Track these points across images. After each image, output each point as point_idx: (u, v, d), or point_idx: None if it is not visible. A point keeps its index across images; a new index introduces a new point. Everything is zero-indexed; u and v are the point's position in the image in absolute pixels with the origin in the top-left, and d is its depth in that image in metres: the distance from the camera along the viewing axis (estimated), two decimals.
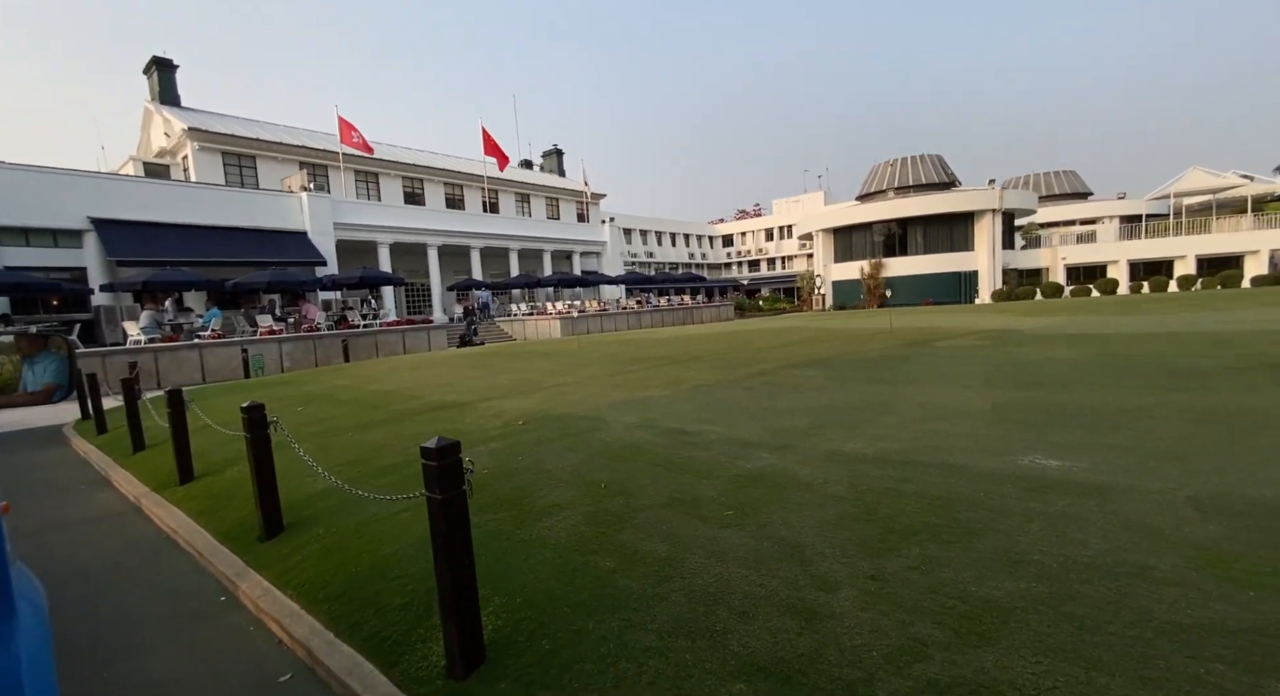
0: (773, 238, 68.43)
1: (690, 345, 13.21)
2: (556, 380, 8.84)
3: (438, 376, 10.30)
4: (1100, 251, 34.50)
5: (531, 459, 4.53)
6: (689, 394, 6.89)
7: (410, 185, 35.88)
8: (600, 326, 29.65)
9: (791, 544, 2.79)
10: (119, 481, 6.00)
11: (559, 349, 14.69)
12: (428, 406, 7.30)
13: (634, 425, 5.40)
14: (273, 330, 18.69)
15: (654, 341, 15.57)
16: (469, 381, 9.33)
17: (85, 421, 9.61)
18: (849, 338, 12.65)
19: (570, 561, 2.82)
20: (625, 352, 12.41)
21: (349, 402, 8.02)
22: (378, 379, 10.45)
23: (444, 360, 13.57)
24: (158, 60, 30.20)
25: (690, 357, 10.58)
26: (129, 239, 21.12)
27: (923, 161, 39.79)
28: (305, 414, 7.40)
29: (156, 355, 15.96)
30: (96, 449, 7.60)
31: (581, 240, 41.52)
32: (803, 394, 6.42)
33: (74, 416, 10.42)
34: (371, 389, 9.16)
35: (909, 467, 3.80)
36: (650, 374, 8.80)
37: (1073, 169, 49.20)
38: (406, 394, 8.44)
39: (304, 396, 9.00)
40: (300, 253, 25.18)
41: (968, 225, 35.42)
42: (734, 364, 9.35)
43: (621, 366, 9.96)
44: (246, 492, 4.65)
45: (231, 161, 28.52)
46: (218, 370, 16.94)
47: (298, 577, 3.19)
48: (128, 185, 22.13)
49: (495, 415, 6.41)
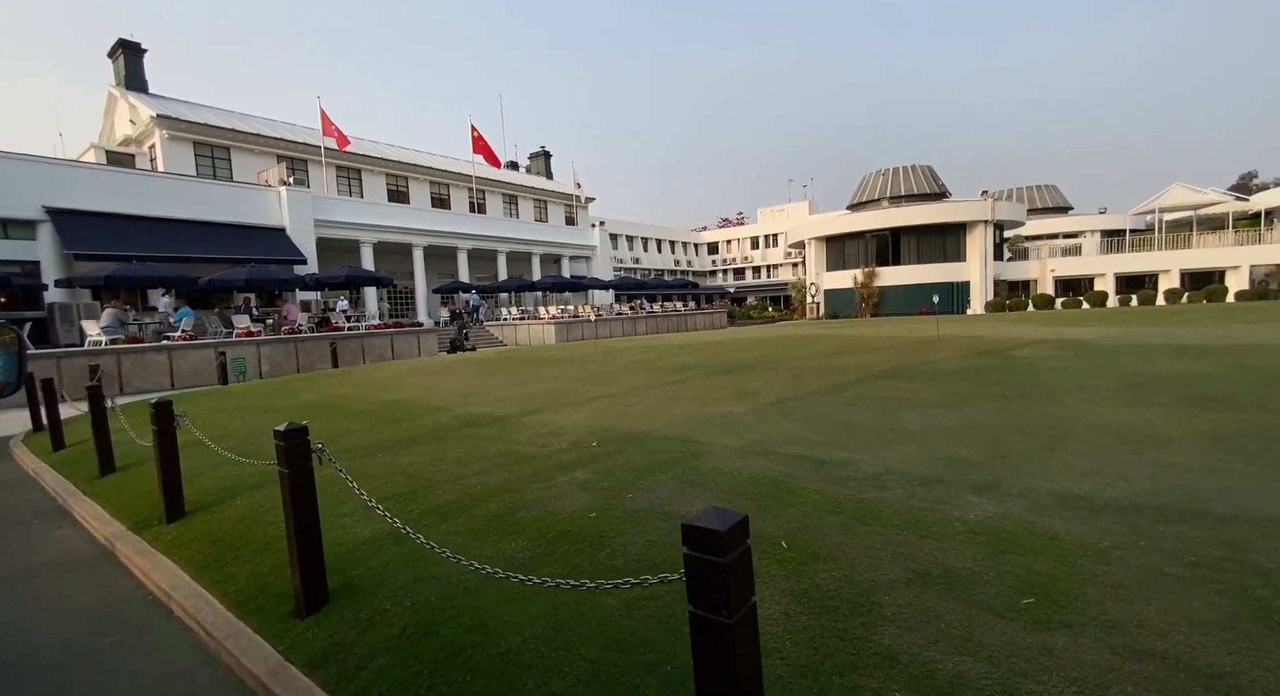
0: (758, 246, 68.48)
1: (723, 352, 12.25)
2: (597, 390, 7.84)
3: (453, 384, 9.20)
4: (1087, 264, 34.92)
5: (646, 498, 3.55)
6: (776, 409, 5.97)
7: (394, 183, 34.45)
8: (596, 332, 28.63)
9: (1206, 671, 1.83)
10: (84, 515, 4.81)
11: (574, 355, 13.63)
12: (461, 421, 6.25)
13: (743, 450, 4.46)
14: (250, 332, 17.22)
15: (674, 347, 14.64)
16: (493, 391, 8.26)
17: (38, 434, 8.24)
18: (901, 346, 11.72)
19: None
20: (655, 360, 11.43)
21: (364, 416, 6.89)
22: (384, 386, 9.29)
23: (448, 366, 12.41)
24: (124, 43, 28.32)
25: (738, 366, 9.64)
26: (89, 231, 19.39)
27: (914, 172, 39.93)
28: (316, 430, 6.26)
29: (119, 357, 14.40)
30: (52, 469, 6.32)
31: (571, 243, 40.52)
32: (926, 412, 5.55)
33: (23, 427, 9.01)
34: (383, 398, 8.02)
35: (1200, 522, 2.91)
36: (707, 384, 7.86)
37: (1053, 183, 50.25)
38: (427, 405, 7.35)
39: (304, 407, 7.82)
40: (278, 250, 23.62)
41: (960, 236, 35.51)
42: (799, 373, 8.43)
43: (664, 375, 8.99)
44: (261, 537, 3.58)
45: (204, 152, 26.81)
46: (189, 375, 15.43)
47: (371, 689, 2.17)
48: (89, 173, 20.40)
49: (553, 433, 5.40)
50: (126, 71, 28.33)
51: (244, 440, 6.08)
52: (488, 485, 3.96)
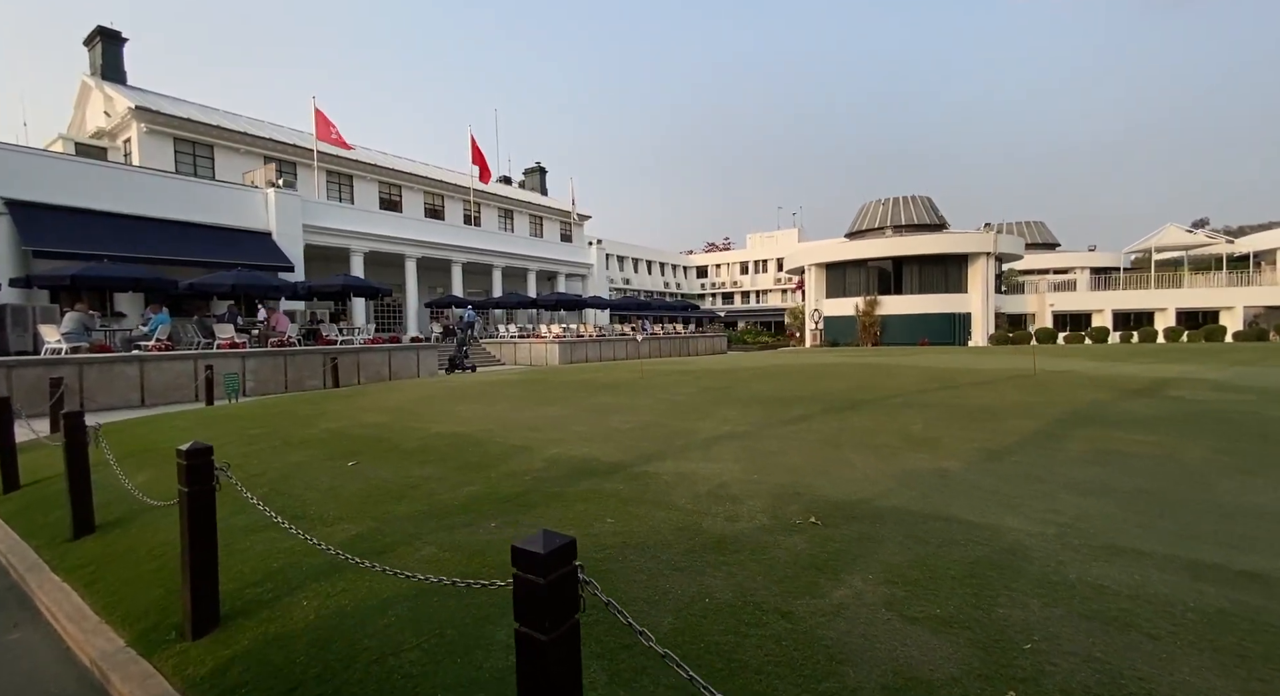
0: (748, 271, 68.36)
1: (796, 381, 10.69)
2: (704, 427, 6.42)
3: (505, 412, 7.70)
4: (1086, 300, 35.18)
5: (1063, 660, 2.11)
6: (1005, 467, 4.62)
7: (387, 191, 32.91)
8: (599, 353, 27.28)
9: None
10: (52, 610, 3.27)
11: (615, 378, 12.10)
12: (565, 467, 4.81)
13: (1080, 546, 3.07)
14: (234, 343, 15.39)
15: (723, 372, 13.24)
16: (565, 424, 6.80)
17: None
18: (1015, 381, 10.25)
19: None
20: (727, 387, 9.87)
21: (424, 456, 5.36)
22: (419, 413, 7.75)
23: (477, 388, 10.86)
24: (103, 30, 26.49)
25: (849, 400, 8.15)
26: (51, 226, 17.41)
27: (914, 202, 40.09)
28: (381, 478, 4.73)
29: (82, 368, 12.48)
30: (1, 523, 4.71)
31: (568, 261, 39.33)
32: (1241, 480, 4.27)
33: None
34: (433, 431, 6.47)
35: None
36: (848, 424, 6.45)
37: (1040, 220, 51.33)
38: (498, 441, 5.87)
39: (334, 439, 6.22)
40: (263, 255, 21.78)
41: (961, 267, 35.49)
42: (951, 414, 7.02)
43: (769, 409, 7.48)
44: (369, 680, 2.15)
45: (184, 149, 24.97)
46: (162, 390, 13.54)
47: None
48: (54, 163, 18.46)
49: (716, 494, 4.00)
50: (104, 61, 26.43)
51: (278, 490, 4.59)
52: (730, 604, 2.57)
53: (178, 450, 2.75)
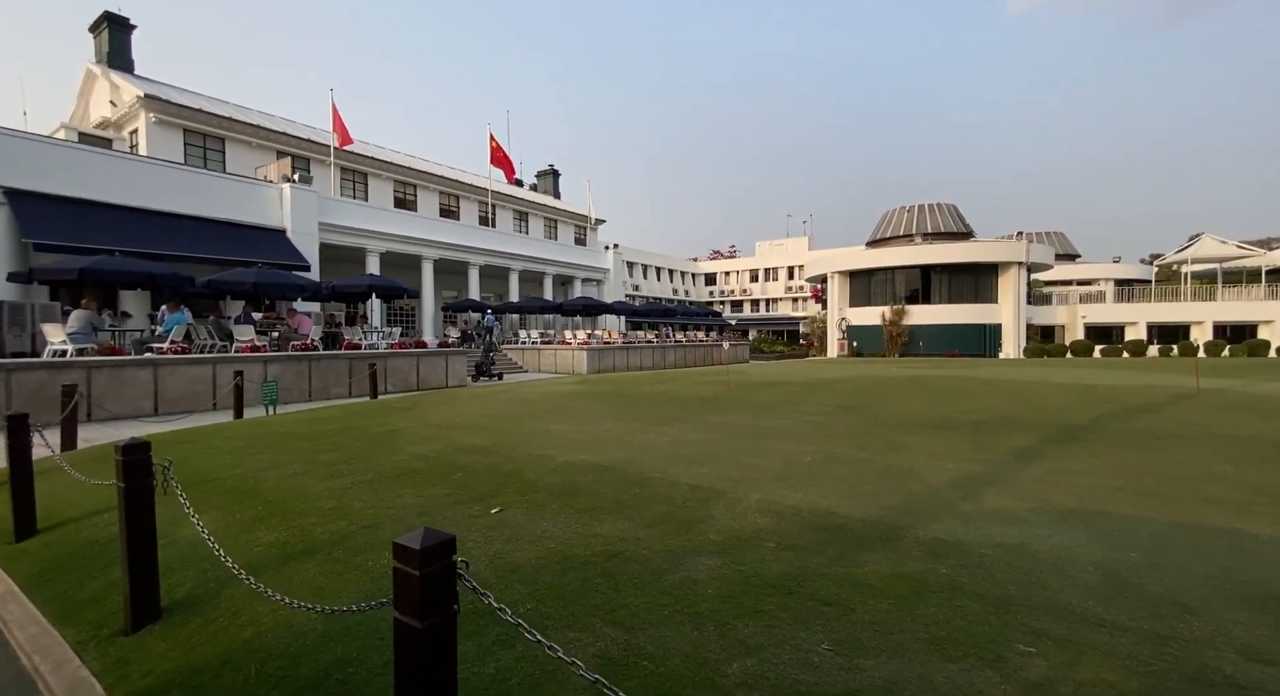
0: (758, 279, 67.47)
1: (933, 399, 9.37)
2: (923, 465, 5.17)
3: (622, 434, 6.30)
4: (1119, 312, 34.26)
5: None
6: None
7: (402, 190, 31.68)
8: (626, 361, 26.03)
9: None
10: None
11: (702, 392, 10.61)
12: (800, 526, 3.51)
13: None
14: (255, 346, 14.04)
15: (812, 385, 12.00)
16: (718, 452, 5.51)
17: None
18: (1192, 401, 9.06)
19: None
20: (860, 407, 8.51)
21: (575, 497, 4.17)
22: (511, 432, 6.37)
23: (550, 402, 9.46)
24: (110, 16, 25.23)
25: (1056, 429, 6.81)
26: (54, 218, 16.06)
27: (939, 209, 39.21)
28: (542, 539, 3.24)
29: (90, 372, 11.11)
30: (17, 590, 3.41)
31: (585, 265, 38.17)
32: None
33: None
34: (559, 459, 5.08)
35: None
36: (1123, 464, 5.22)
37: (1061, 230, 50.64)
38: (663, 479, 4.59)
39: (436, 472, 4.82)
40: (277, 253, 20.45)
41: (992, 277, 34.54)
42: (1220, 446, 5.87)
43: (964, 437, 6.29)
44: None
45: (194, 142, 23.67)
46: (177, 397, 12.17)
47: None
48: (57, 151, 17.11)
49: (1117, 593, 2.81)
50: (110, 48, 25.17)
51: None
52: None
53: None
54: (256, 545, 3.34)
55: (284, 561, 3.16)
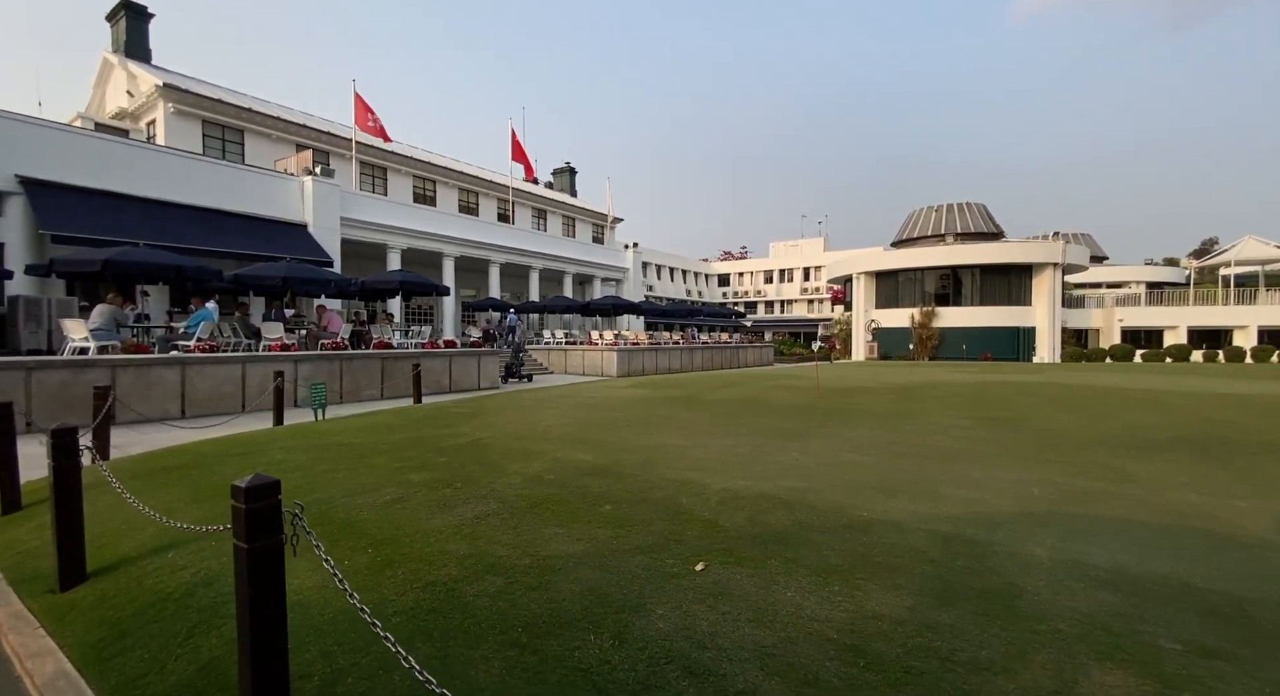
0: (772, 280, 66.47)
1: (1089, 413, 8.35)
2: (1165, 497, 4.30)
3: (762, 451, 5.41)
4: (1159, 315, 33.17)
5: None
6: None
7: (421, 186, 30.91)
8: (655, 363, 25.17)
9: None
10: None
11: (785, 401, 9.49)
12: (1161, 601, 2.64)
13: None
14: (284, 344, 13.23)
15: (902, 392, 11.03)
16: (896, 478, 4.73)
17: (8, 516, 4.35)
18: None
19: None
20: (1011, 420, 7.56)
21: (768, 543, 3.29)
22: (611, 445, 5.52)
23: (623, 409, 8.50)
24: (128, 4, 24.51)
25: (1148, 439, 6.08)
26: (72, 209, 15.32)
27: (968, 209, 38.21)
28: (796, 615, 2.45)
29: (114, 371, 10.30)
30: (71, 669, 2.57)
31: (605, 264, 37.36)
32: None
33: None
34: (714, 487, 4.38)
35: None
36: None
37: (1087, 231, 49.60)
38: (867, 516, 3.79)
39: (570, 501, 3.98)
40: (299, 248, 19.69)
41: (1025, 278, 33.54)
42: None
43: (1213, 466, 5.32)
44: None
45: (213, 133, 22.94)
46: (206, 399, 11.36)
47: None
48: (75, 139, 16.38)
49: None
50: (127, 37, 24.45)
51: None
52: None
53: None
54: (390, 610, 2.48)
55: (442, 642, 2.28)
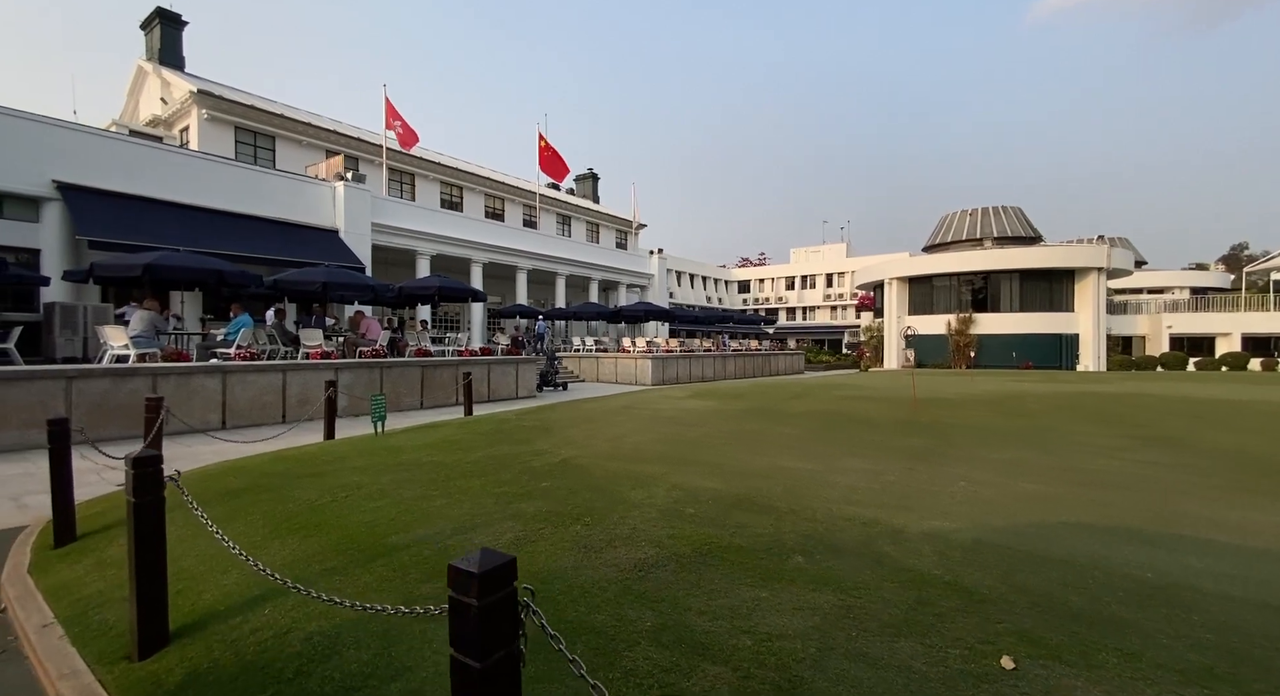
0: (794, 286, 65.50)
1: (1245, 430, 7.61)
2: None
3: (915, 479, 4.70)
4: (1210, 322, 31.83)
5: None
6: None
7: (449, 192, 30.66)
8: (689, 371, 24.49)
9: None
10: None
11: (880, 413, 8.54)
12: None
13: None
14: (324, 352, 12.76)
15: (995, 403, 10.15)
16: (1123, 518, 3.92)
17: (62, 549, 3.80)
18: None
19: None
20: (1178, 440, 6.76)
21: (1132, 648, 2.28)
22: (749, 473, 4.77)
23: (706, 423, 7.79)
24: (162, 12, 24.57)
25: None
26: (108, 214, 15.07)
27: (1005, 212, 37.16)
28: None
29: (155, 380, 9.87)
30: None
31: (631, 270, 36.83)
32: None
33: (42, 513, 4.49)
34: (917, 531, 3.58)
35: None
36: None
37: (1125, 236, 48.18)
38: (1183, 586, 2.90)
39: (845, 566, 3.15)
40: (330, 254, 19.34)
41: (1067, 283, 32.40)
42: None
43: None
44: None
45: (245, 139, 22.80)
46: (247, 410, 10.90)
47: None
48: (111, 145, 16.18)
49: None
50: (161, 45, 24.51)
51: None
52: None
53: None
54: None
55: None
